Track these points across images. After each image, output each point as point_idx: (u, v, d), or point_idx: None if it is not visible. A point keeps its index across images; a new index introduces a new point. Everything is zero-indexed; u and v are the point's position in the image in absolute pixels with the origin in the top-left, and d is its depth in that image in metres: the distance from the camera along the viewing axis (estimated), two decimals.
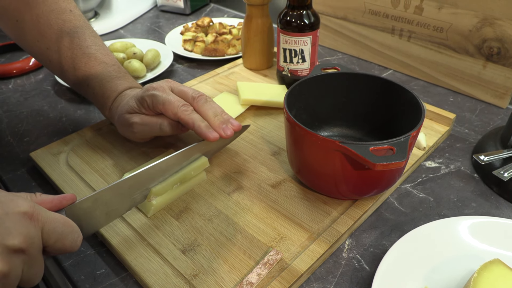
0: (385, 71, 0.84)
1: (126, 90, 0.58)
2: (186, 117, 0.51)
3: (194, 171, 0.52)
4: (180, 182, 0.51)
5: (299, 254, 0.45)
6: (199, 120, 0.51)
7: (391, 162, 0.40)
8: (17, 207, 0.31)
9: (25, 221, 0.31)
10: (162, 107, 0.51)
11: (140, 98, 0.53)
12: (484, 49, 0.69)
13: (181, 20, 1.13)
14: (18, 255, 0.30)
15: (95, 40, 0.60)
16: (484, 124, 0.68)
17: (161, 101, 0.51)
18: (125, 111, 0.54)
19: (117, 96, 0.58)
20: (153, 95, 0.52)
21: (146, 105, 0.52)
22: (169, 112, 0.51)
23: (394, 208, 0.53)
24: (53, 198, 0.38)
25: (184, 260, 0.44)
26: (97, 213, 0.43)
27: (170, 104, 0.51)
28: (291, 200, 0.51)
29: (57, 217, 0.34)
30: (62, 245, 0.34)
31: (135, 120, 0.54)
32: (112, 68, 0.59)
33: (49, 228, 0.33)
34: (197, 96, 0.53)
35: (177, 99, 0.52)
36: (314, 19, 0.67)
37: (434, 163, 0.60)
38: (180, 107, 0.51)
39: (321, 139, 0.44)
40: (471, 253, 0.45)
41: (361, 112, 0.58)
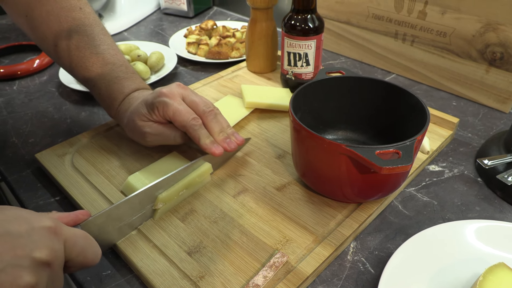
0: (388, 75, 0.85)
1: (134, 92, 0.58)
2: (193, 132, 0.52)
3: (198, 178, 0.53)
4: (185, 189, 0.52)
5: (304, 257, 0.45)
6: (205, 137, 0.52)
7: (397, 166, 0.40)
8: (41, 222, 0.32)
9: (50, 236, 0.32)
10: (172, 117, 0.52)
11: (150, 104, 0.53)
12: (487, 54, 0.70)
13: (185, 23, 1.13)
14: (44, 269, 0.31)
15: (104, 39, 0.60)
16: (487, 128, 0.68)
17: (171, 110, 0.52)
18: (136, 117, 0.54)
19: (125, 98, 0.58)
20: (164, 103, 0.52)
21: (156, 112, 0.52)
22: (178, 123, 0.52)
23: (398, 211, 0.53)
24: (68, 214, 0.39)
25: (190, 262, 0.44)
26: (110, 229, 0.45)
27: (180, 116, 0.52)
28: (296, 203, 0.52)
29: (77, 232, 0.35)
30: (84, 258, 0.35)
31: (148, 130, 0.54)
32: (119, 69, 0.59)
33: (71, 242, 0.34)
34: (208, 111, 0.54)
35: (187, 111, 0.52)
36: (318, 23, 0.68)
37: (437, 167, 0.60)
38: (189, 121, 0.52)
39: (327, 143, 0.44)
40: (476, 256, 0.45)
41: (365, 115, 0.58)
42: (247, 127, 0.66)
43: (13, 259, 0.29)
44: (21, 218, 0.32)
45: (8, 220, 0.31)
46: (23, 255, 0.30)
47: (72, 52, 0.58)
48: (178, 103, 0.52)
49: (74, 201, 0.53)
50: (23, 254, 0.30)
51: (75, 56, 0.58)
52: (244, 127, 0.66)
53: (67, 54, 0.58)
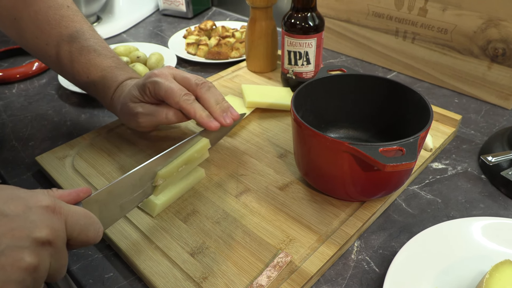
0: (389, 73, 0.84)
1: (127, 80, 0.58)
2: (188, 106, 0.51)
3: (197, 153, 0.52)
4: (185, 165, 0.51)
5: (308, 256, 0.44)
6: (201, 110, 0.52)
7: (401, 163, 0.40)
8: (38, 201, 0.32)
9: (49, 214, 0.31)
10: (164, 95, 0.51)
11: (142, 86, 0.53)
12: (489, 50, 0.70)
13: (183, 24, 1.13)
14: (45, 248, 0.30)
15: (93, 34, 0.61)
16: (489, 125, 0.68)
17: (163, 88, 0.51)
18: (128, 100, 0.54)
19: (118, 86, 0.58)
20: (155, 82, 0.52)
21: (148, 92, 0.52)
22: (171, 100, 0.51)
23: (402, 209, 0.53)
24: (69, 192, 0.38)
25: (193, 263, 0.44)
26: (111, 206, 0.43)
27: (172, 92, 0.51)
28: (299, 202, 0.51)
29: (78, 210, 0.35)
30: (85, 236, 0.35)
31: (140, 110, 0.54)
32: (111, 60, 0.60)
33: (72, 220, 0.33)
34: (200, 83, 0.53)
35: (179, 87, 0.52)
36: (318, 21, 0.67)
37: (441, 165, 0.60)
38: (182, 96, 0.51)
39: (330, 141, 0.44)
40: (481, 254, 0.45)
41: (367, 114, 0.58)
42: (248, 127, 0.66)
43: (12, 241, 0.29)
44: (18, 198, 0.31)
45: (4, 200, 0.30)
46: (22, 236, 0.29)
47: (63, 48, 0.58)
48: (169, 81, 0.52)
49: None
50: (22, 235, 0.29)
51: (67, 51, 0.58)
52: (245, 126, 0.66)
53: (58, 50, 0.58)
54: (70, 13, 0.60)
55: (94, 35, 0.61)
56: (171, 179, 0.50)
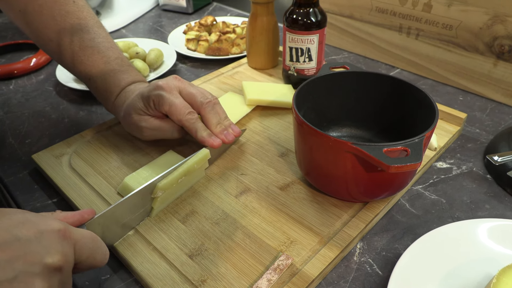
0: (392, 70, 0.83)
1: (130, 85, 0.57)
2: (190, 125, 0.52)
3: (197, 164, 0.51)
4: (184, 176, 0.50)
5: (310, 259, 0.43)
6: (202, 130, 0.52)
7: (406, 164, 0.38)
8: (49, 226, 0.32)
9: (60, 239, 0.31)
10: (168, 110, 0.51)
11: (146, 98, 0.52)
12: (495, 47, 0.68)
13: (184, 19, 1.11)
14: (56, 274, 0.30)
15: (98, 32, 0.59)
16: (495, 123, 0.66)
17: (167, 104, 0.51)
18: (132, 111, 0.54)
19: (121, 92, 0.57)
20: (160, 96, 0.51)
21: (152, 105, 0.52)
22: (174, 117, 0.52)
23: (405, 210, 0.51)
24: (73, 214, 0.38)
25: (192, 266, 0.43)
26: (113, 227, 0.44)
27: (176, 109, 0.51)
28: (300, 203, 0.50)
29: (86, 234, 0.35)
30: (93, 260, 0.35)
31: (145, 124, 0.53)
32: (115, 62, 0.58)
33: (81, 244, 0.33)
34: (206, 102, 0.53)
35: (183, 105, 0.52)
36: (321, 17, 0.66)
37: (445, 164, 0.58)
38: (185, 115, 0.51)
39: (333, 140, 0.43)
40: (488, 256, 0.43)
41: (370, 112, 0.57)
42: (248, 125, 0.64)
43: (24, 266, 0.29)
44: (29, 222, 0.31)
45: (15, 225, 0.30)
46: (34, 262, 0.29)
47: (66, 46, 0.57)
48: (174, 96, 0.52)
49: (72, 203, 0.51)
50: (34, 261, 0.29)
51: (70, 50, 0.57)
52: (245, 124, 0.64)
53: (62, 48, 0.57)
54: (75, 9, 0.58)
55: (99, 33, 0.59)
56: (170, 191, 0.49)
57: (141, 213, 0.47)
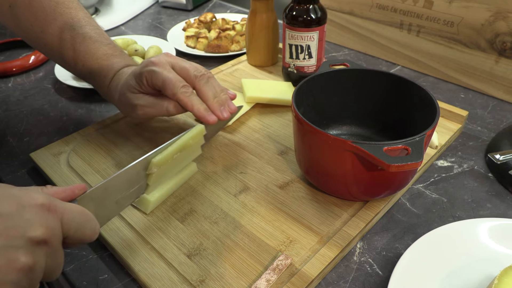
0: (393, 67, 0.82)
1: (124, 68, 0.57)
2: (185, 99, 0.50)
3: (192, 140, 0.50)
4: (179, 152, 0.49)
5: (309, 259, 0.43)
6: (198, 103, 0.50)
7: (406, 163, 0.38)
8: (32, 199, 0.31)
9: (44, 213, 0.31)
10: (161, 85, 0.50)
11: (139, 74, 0.51)
12: (497, 43, 0.67)
13: (183, 16, 1.11)
14: (41, 247, 0.30)
15: (89, 21, 0.59)
16: (497, 121, 0.66)
17: (160, 78, 0.50)
18: (126, 90, 0.53)
19: (115, 75, 0.56)
20: (153, 72, 0.50)
21: (145, 81, 0.51)
22: (168, 92, 0.50)
23: (406, 209, 0.51)
24: (64, 189, 0.37)
25: (190, 265, 0.43)
26: (107, 203, 0.42)
27: (170, 83, 0.50)
28: (299, 202, 0.50)
29: (73, 207, 0.34)
30: (82, 234, 0.34)
31: (139, 102, 0.52)
32: (107, 47, 0.58)
33: (68, 218, 0.32)
34: (199, 75, 0.51)
35: (177, 79, 0.50)
36: (321, 13, 0.65)
37: (446, 162, 0.58)
38: (180, 88, 0.50)
39: (332, 139, 0.42)
40: (489, 257, 0.43)
41: (371, 110, 0.56)
42: (248, 123, 0.64)
43: (6, 241, 0.28)
44: (11, 196, 0.30)
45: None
46: (16, 236, 0.28)
47: (59, 35, 0.57)
48: (167, 71, 0.50)
49: None
50: (16, 235, 0.28)
51: (62, 39, 0.57)
52: (245, 122, 0.64)
53: (53, 38, 0.57)
54: (65, 0, 0.58)
55: (89, 22, 0.59)
56: (165, 168, 0.48)
57: (135, 189, 0.46)
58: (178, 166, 0.51)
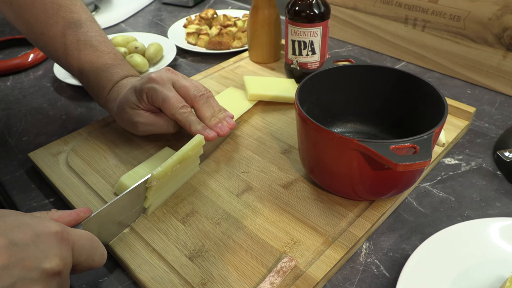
0: (398, 63, 0.81)
1: (123, 79, 0.56)
2: (184, 119, 0.51)
3: (191, 151, 0.49)
4: (179, 164, 0.47)
5: (314, 260, 0.42)
6: (196, 123, 0.51)
7: (414, 162, 0.37)
8: (47, 228, 0.31)
9: (58, 242, 0.31)
10: (161, 104, 0.51)
11: (139, 91, 0.51)
12: (505, 38, 0.66)
13: (184, 12, 1.09)
14: (55, 278, 0.30)
15: (91, 26, 0.58)
16: (505, 118, 0.64)
17: (160, 97, 0.50)
18: (126, 106, 0.52)
19: (114, 86, 0.56)
20: (153, 89, 0.50)
21: (145, 98, 0.51)
22: (167, 111, 0.51)
23: (413, 208, 0.50)
24: (69, 213, 0.37)
25: (192, 268, 0.41)
26: (109, 224, 0.43)
27: (169, 103, 0.50)
28: (304, 202, 0.48)
29: (83, 234, 0.34)
30: (92, 261, 0.34)
31: (139, 119, 0.53)
32: (107, 56, 0.57)
33: (79, 246, 0.33)
34: (199, 95, 0.52)
35: (176, 99, 0.51)
36: (324, 8, 0.64)
37: (453, 160, 0.56)
38: (178, 109, 0.50)
39: (337, 137, 0.41)
40: (500, 258, 0.42)
41: (376, 107, 0.55)
42: (250, 121, 0.63)
43: (22, 273, 0.28)
44: (24, 225, 0.30)
45: (10, 229, 0.29)
46: (32, 267, 0.28)
47: (58, 40, 0.56)
48: (167, 89, 0.51)
49: (69, 202, 0.50)
50: (32, 266, 0.28)
51: (61, 44, 0.56)
52: (247, 120, 0.63)
53: (53, 41, 0.56)
54: (68, 3, 0.57)
55: (92, 27, 0.58)
56: (164, 181, 0.47)
57: (137, 210, 0.46)
58: (177, 179, 0.50)
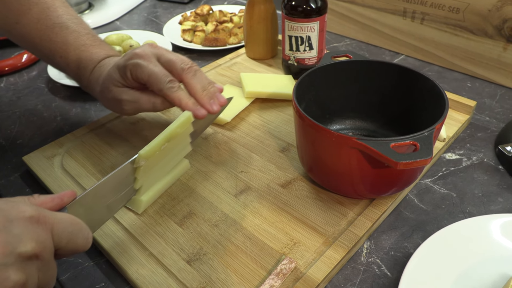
0: (397, 56, 0.80)
1: (104, 59, 0.54)
2: (172, 94, 0.47)
3: (179, 128, 0.47)
4: (167, 142, 0.46)
5: (314, 262, 0.41)
6: (186, 98, 0.48)
7: (415, 160, 0.36)
8: (21, 212, 0.29)
9: (33, 226, 0.29)
10: (147, 80, 0.48)
11: (123, 67, 0.48)
12: (505, 30, 0.65)
13: (179, 9, 1.08)
14: (32, 262, 0.29)
15: (66, 10, 0.57)
16: (506, 111, 0.63)
17: (146, 72, 0.47)
18: (110, 84, 0.50)
19: (95, 66, 0.54)
20: (137, 65, 0.47)
21: (129, 75, 0.48)
22: (154, 87, 0.48)
23: (414, 206, 0.49)
24: (53, 197, 0.35)
25: (190, 272, 0.41)
26: (98, 208, 0.41)
27: (155, 78, 0.47)
28: (303, 201, 0.48)
29: (64, 217, 0.32)
30: (74, 245, 0.33)
31: (124, 97, 0.50)
32: (86, 37, 0.55)
33: (59, 229, 0.31)
34: (186, 67, 0.49)
35: (163, 73, 0.48)
36: (321, 3, 0.62)
37: (455, 155, 0.56)
38: (166, 83, 0.47)
39: (336, 136, 0.40)
40: (503, 255, 0.41)
41: (375, 102, 0.54)
42: (247, 119, 0.62)
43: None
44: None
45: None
46: (6, 253, 0.27)
47: (34, 26, 0.54)
48: (153, 64, 0.48)
49: None
50: (5, 252, 0.27)
51: (38, 30, 0.55)
52: (244, 118, 0.62)
53: (29, 29, 0.55)
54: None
55: (67, 11, 0.56)
56: (154, 161, 0.45)
57: (126, 192, 0.44)
58: (168, 160, 0.48)
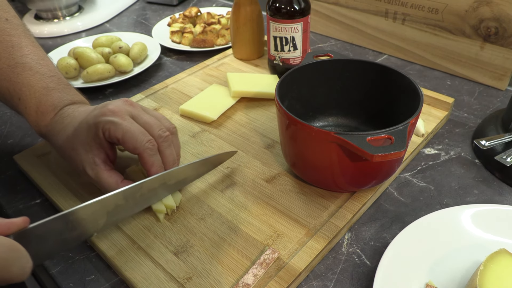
0: (380, 56, 0.82)
1: (69, 105, 0.50)
2: (148, 158, 0.45)
3: None
4: None
5: (296, 252, 0.43)
6: (158, 167, 0.46)
7: (390, 153, 0.38)
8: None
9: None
10: (121, 138, 0.44)
11: (94, 126, 0.45)
12: (481, 29, 0.67)
13: (168, 11, 1.09)
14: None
15: (33, 50, 0.52)
16: (483, 107, 0.66)
17: (120, 131, 0.44)
18: (77, 145, 0.46)
19: (57, 113, 0.49)
20: (111, 123, 0.44)
21: (101, 135, 0.45)
22: (130, 145, 0.44)
23: (393, 198, 0.51)
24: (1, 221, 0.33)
25: (177, 263, 0.42)
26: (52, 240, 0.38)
27: (132, 137, 0.44)
28: (286, 195, 0.49)
29: (2, 241, 0.30)
30: (7, 273, 0.30)
31: (104, 176, 0.46)
32: (50, 79, 0.51)
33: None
34: (164, 135, 0.46)
35: (140, 132, 0.45)
36: (304, 4, 0.64)
37: (433, 150, 0.58)
38: (144, 143, 0.44)
39: (316, 131, 0.42)
40: (476, 243, 0.43)
41: (356, 100, 0.56)
42: (234, 117, 0.63)
43: None
44: None
45: None
46: None
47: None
48: (129, 122, 0.45)
49: (55, 204, 0.50)
50: None
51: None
52: (231, 117, 0.63)
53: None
54: (8, 27, 0.52)
55: (33, 51, 0.52)
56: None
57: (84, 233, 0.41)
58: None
